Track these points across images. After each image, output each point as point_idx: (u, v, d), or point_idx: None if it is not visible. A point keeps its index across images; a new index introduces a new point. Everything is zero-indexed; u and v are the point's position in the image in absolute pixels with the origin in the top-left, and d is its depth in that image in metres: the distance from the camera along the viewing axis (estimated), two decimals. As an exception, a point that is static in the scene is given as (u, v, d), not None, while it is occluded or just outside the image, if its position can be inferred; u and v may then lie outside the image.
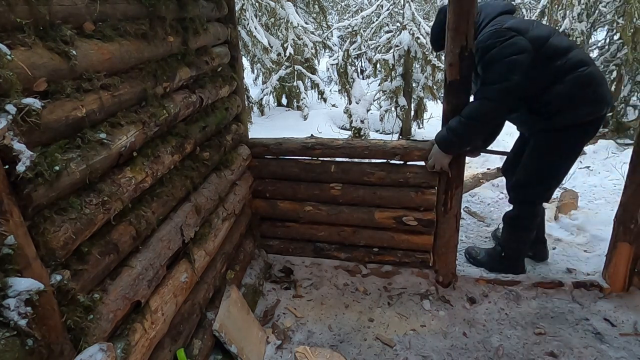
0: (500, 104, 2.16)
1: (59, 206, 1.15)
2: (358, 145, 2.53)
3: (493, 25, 2.21)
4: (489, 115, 2.19)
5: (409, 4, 6.03)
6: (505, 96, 2.15)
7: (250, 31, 6.84)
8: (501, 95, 2.14)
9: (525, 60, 2.12)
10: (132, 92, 1.51)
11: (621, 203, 2.40)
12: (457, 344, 2.26)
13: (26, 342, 0.97)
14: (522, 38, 2.13)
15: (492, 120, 2.23)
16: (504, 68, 2.12)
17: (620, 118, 5.76)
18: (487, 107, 2.16)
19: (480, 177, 4.34)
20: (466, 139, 2.24)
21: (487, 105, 2.16)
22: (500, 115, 2.27)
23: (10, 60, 0.98)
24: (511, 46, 2.12)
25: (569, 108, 2.23)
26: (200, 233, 2.02)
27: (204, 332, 2.00)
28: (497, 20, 2.24)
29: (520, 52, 2.12)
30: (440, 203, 2.49)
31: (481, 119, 2.18)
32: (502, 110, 2.21)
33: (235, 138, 2.54)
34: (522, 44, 2.12)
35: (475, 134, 2.25)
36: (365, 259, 2.77)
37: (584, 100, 2.20)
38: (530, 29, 2.19)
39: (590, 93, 2.20)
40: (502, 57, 2.12)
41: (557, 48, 2.20)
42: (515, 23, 2.20)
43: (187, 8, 1.91)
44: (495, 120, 2.27)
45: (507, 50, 2.12)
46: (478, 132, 2.25)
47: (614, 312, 2.39)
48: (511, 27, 2.16)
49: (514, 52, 2.11)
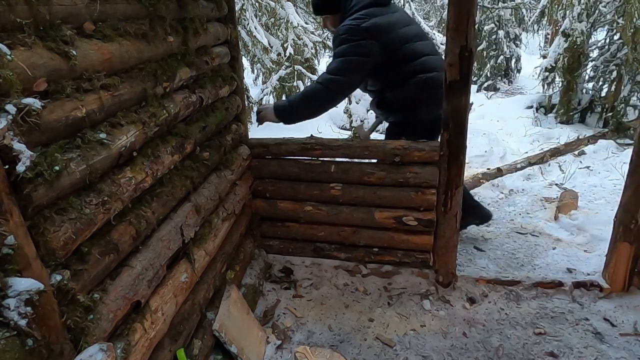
0: (332, 93, 2.43)
1: (59, 206, 1.15)
2: (358, 146, 2.53)
3: (356, 19, 2.35)
4: (321, 100, 2.46)
5: (409, 4, 6.03)
6: (338, 88, 2.42)
7: (250, 31, 6.83)
8: (335, 86, 2.40)
9: (368, 64, 2.35)
10: (132, 92, 1.51)
11: (621, 203, 2.40)
12: (457, 344, 2.26)
13: (26, 342, 0.97)
14: (373, 43, 2.31)
15: (322, 105, 2.50)
16: (345, 65, 2.34)
17: (620, 118, 5.75)
18: (321, 93, 2.43)
19: (480, 177, 4.34)
20: (298, 114, 2.54)
21: (322, 92, 2.42)
22: (330, 102, 2.51)
23: (10, 60, 0.98)
24: (359, 48, 2.31)
25: (410, 107, 2.51)
26: (200, 233, 2.02)
27: (204, 332, 2.00)
28: (365, 12, 2.37)
29: (366, 56, 2.33)
30: (440, 203, 2.49)
31: (314, 101, 2.46)
32: (334, 98, 2.48)
33: (235, 138, 2.54)
34: (370, 49, 2.31)
35: (307, 111, 2.53)
36: (365, 259, 2.77)
37: (423, 102, 2.47)
38: (392, 31, 2.38)
39: (428, 97, 2.44)
40: (348, 55, 2.33)
41: (411, 53, 2.43)
42: (377, 23, 2.33)
43: (187, 8, 1.91)
44: (325, 106, 2.51)
45: (355, 50, 2.32)
46: (309, 111, 2.53)
47: (614, 312, 2.39)
48: (368, 29, 2.31)
49: (359, 54, 2.33)
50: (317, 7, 2.65)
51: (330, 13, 2.61)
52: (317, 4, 2.63)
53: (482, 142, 5.30)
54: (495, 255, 3.12)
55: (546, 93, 7.18)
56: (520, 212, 3.76)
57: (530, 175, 4.52)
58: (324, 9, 2.62)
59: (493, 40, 9.75)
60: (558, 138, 5.70)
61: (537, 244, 3.22)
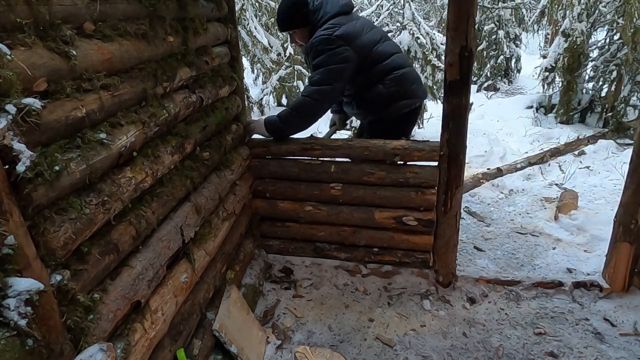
0: (320, 103, 2.50)
1: (59, 206, 1.15)
2: (358, 146, 2.53)
3: (327, 29, 2.46)
4: (310, 111, 2.52)
5: (409, 4, 6.02)
6: (325, 97, 2.49)
7: (250, 31, 6.83)
8: (321, 96, 2.48)
9: (348, 69, 2.46)
10: (132, 92, 1.51)
11: (621, 203, 2.40)
12: (457, 344, 2.26)
13: (26, 342, 0.97)
14: (348, 49, 2.43)
15: (313, 115, 2.56)
16: (327, 74, 2.43)
17: (620, 118, 5.75)
18: (309, 104, 2.49)
19: (480, 177, 4.35)
20: (290, 127, 2.59)
21: (309, 103, 2.49)
22: (320, 111, 2.58)
23: (10, 60, 0.98)
24: (337, 55, 2.42)
25: (389, 103, 2.63)
26: (200, 233, 2.02)
27: (204, 332, 2.00)
28: (333, 22, 2.48)
29: (345, 62, 2.43)
30: (440, 203, 2.49)
31: (303, 113, 2.53)
32: (322, 107, 2.55)
33: (235, 138, 2.54)
34: (347, 55, 2.43)
35: (298, 123, 2.58)
36: (365, 259, 2.77)
37: (400, 96, 2.62)
38: (360, 36, 2.51)
39: (403, 91, 2.63)
40: (327, 64, 2.43)
41: (381, 54, 2.58)
42: (347, 30, 2.46)
43: (187, 8, 1.91)
44: (315, 116, 2.57)
45: (333, 59, 2.42)
46: (300, 123, 2.59)
47: (614, 312, 2.39)
48: (342, 36, 2.43)
49: (338, 62, 2.42)
50: (284, 22, 2.65)
51: (299, 27, 2.62)
52: (285, 19, 2.63)
53: (482, 142, 5.30)
54: (495, 255, 3.12)
55: (546, 93, 7.18)
56: (520, 212, 3.77)
57: (530, 175, 4.52)
58: (293, 24, 2.63)
59: (493, 40, 9.74)
60: (558, 138, 5.71)
61: (537, 244, 3.23)
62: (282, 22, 2.66)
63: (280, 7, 2.64)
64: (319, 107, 2.54)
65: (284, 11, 2.62)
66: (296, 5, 2.57)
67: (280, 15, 2.65)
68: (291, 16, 2.59)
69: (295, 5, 2.57)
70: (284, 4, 2.62)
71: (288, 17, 2.61)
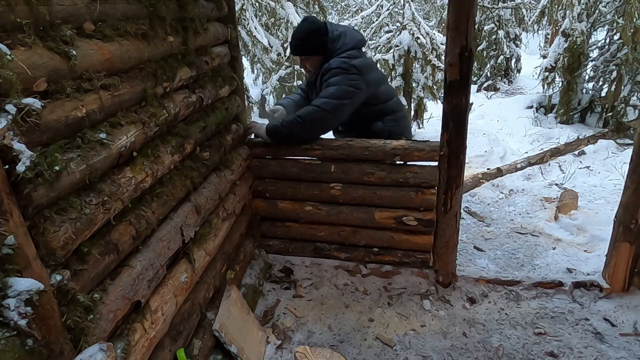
0: (328, 115, 2.49)
1: (59, 206, 1.15)
2: (358, 146, 2.53)
3: (345, 57, 2.53)
4: (317, 121, 2.51)
5: (409, 4, 6.03)
6: (334, 111, 2.48)
7: (250, 31, 6.83)
8: (331, 108, 2.47)
9: (359, 96, 2.53)
10: (132, 92, 1.51)
11: (621, 203, 2.40)
12: (457, 344, 2.26)
13: (26, 342, 0.97)
14: (361, 79, 2.52)
15: (320, 127, 2.57)
16: (342, 91, 2.47)
17: (620, 118, 5.75)
18: (317, 114, 2.48)
19: (480, 177, 4.35)
20: (294, 135, 2.56)
21: (318, 113, 2.48)
22: (325, 125, 2.59)
23: (10, 60, 0.98)
24: (352, 80, 2.50)
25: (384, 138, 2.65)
26: (200, 233, 2.02)
27: (204, 332, 2.00)
28: (349, 53, 2.56)
29: (358, 88, 2.51)
30: (440, 203, 2.49)
31: (309, 122, 2.50)
32: (328, 121, 2.54)
33: (235, 138, 2.54)
34: (360, 84, 2.52)
35: (301, 132, 2.54)
36: (365, 259, 2.77)
37: (395, 135, 2.66)
38: (371, 72, 2.63)
39: (400, 131, 2.72)
40: (343, 83, 2.48)
41: (384, 94, 2.70)
42: (362, 63, 2.57)
43: (187, 8, 1.91)
44: (319, 128, 2.58)
45: (348, 82, 2.49)
46: (305, 133, 2.56)
47: (614, 312, 2.39)
48: (357, 67, 2.52)
49: (352, 86, 2.50)
50: (300, 48, 2.63)
51: (314, 54, 2.62)
52: (302, 45, 2.61)
53: (482, 142, 5.31)
54: (495, 255, 3.12)
55: (546, 93, 7.18)
56: (520, 212, 3.77)
57: (530, 175, 4.52)
58: (309, 51, 2.62)
59: (493, 40, 9.74)
60: (558, 138, 5.71)
61: (537, 244, 3.23)
62: (298, 47, 2.64)
63: (298, 32, 2.62)
64: (326, 120, 2.51)
65: (301, 37, 2.60)
66: (315, 32, 2.57)
67: (296, 40, 2.62)
68: (309, 43, 2.58)
69: (314, 32, 2.57)
70: (303, 30, 2.60)
71: (305, 42, 2.59)
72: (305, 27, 2.60)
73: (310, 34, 2.57)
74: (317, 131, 2.58)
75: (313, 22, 2.62)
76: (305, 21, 2.65)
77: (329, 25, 2.64)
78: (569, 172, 4.45)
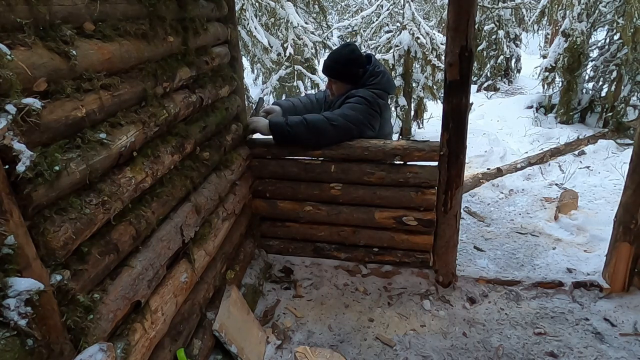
0: (333, 129, 2.47)
1: (59, 206, 1.15)
2: (358, 146, 2.53)
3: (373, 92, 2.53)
4: (320, 131, 2.48)
5: (409, 4, 6.02)
6: (340, 129, 2.48)
7: (250, 31, 6.83)
8: (339, 125, 2.46)
9: (366, 132, 2.54)
10: (132, 92, 1.51)
11: (621, 203, 2.40)
12: (457, 344, 2.26)
13: (26, 342, 0.97)
14: (378, 120, 2.58)
15: (325, 138, 2.52)
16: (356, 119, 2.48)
17: (620, 118, 5.75)
18: (323, 125, 2.46)
19: (480, 177, 4.35)
20: (296, 137, 2.53)
21: (324, 124, 2.46)
22: (326, 138, 2.52)
23: (10, 60, 0.98)
24: (370, 115, 2.52)
25: None
26: (200, 233, 2.02)
27: (204, 332, 2.00)
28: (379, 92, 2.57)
29: (370, 125, 2.54)
30: (440, 203, 2.49)
31: (313, 128, 2.47)
32: (331, 135, 2.50)
33: (235, 138, 2.54)
34: (375, 123, 2.56)
35: (301, 136, 2.51)
36: (365, 259, 2.77)
37: None
38: (385, 119, 2.69)
39: None
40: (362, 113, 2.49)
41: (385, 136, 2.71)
42: (384, 106, 2.63)
43: (187, 8, 1.91)
44: (321, 137, 2.51)
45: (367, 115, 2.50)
46: (303, 136, 2.51)
47: (614, 312, 2.39)
48: (380, 106, 2.58)
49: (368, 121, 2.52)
50: (334, 71, 2.61)
51: (345, 81, 2.61)
52: (337, 69, 2.60)
53: (482, 142, 5.31)
54: (495, 255, 3.12)
55: (546, 93, 7.19)
56: (520, 212, 3.77)
57: (530, 175, 4.52)
58: (342, 76, 2.61)
59: (493, 40, 9.74)
60: (558, 138, 5.71)
61: (537, 244, 3.23)
62: (332, 70, 2.62)
63: (337, 55, 2.62)
64: (329, 133, 2.48)
65: (339, 60, 2.59)
66: (354, 62, 2.57)
67: (333, 62, 2.61)
68: (344, 69, 2.58)
69: (352, 61, 2.56)
70: (343, 55, 2.59)
71: (341, 68, 2.58)
72: (346, 54, 2.58)
73: (349, 62, 2.56)
74: (318, 137, 2.51)
75: (354, 51, 2.60)
76: (347, 47, 2.64)
77: (374, 59, 2.63)
78: (569, 172, 4.45)
